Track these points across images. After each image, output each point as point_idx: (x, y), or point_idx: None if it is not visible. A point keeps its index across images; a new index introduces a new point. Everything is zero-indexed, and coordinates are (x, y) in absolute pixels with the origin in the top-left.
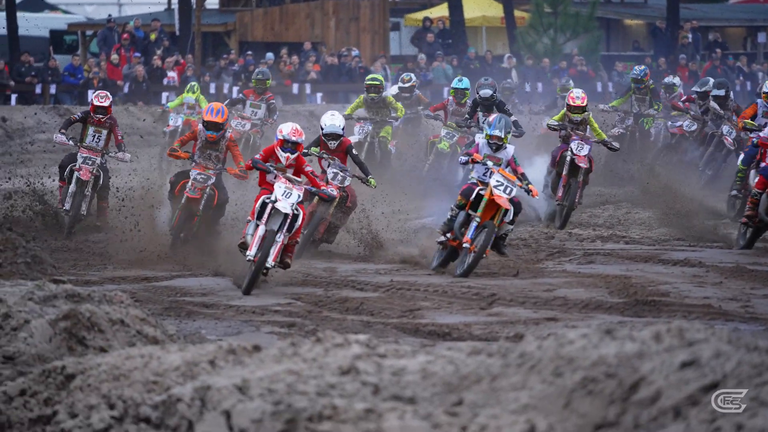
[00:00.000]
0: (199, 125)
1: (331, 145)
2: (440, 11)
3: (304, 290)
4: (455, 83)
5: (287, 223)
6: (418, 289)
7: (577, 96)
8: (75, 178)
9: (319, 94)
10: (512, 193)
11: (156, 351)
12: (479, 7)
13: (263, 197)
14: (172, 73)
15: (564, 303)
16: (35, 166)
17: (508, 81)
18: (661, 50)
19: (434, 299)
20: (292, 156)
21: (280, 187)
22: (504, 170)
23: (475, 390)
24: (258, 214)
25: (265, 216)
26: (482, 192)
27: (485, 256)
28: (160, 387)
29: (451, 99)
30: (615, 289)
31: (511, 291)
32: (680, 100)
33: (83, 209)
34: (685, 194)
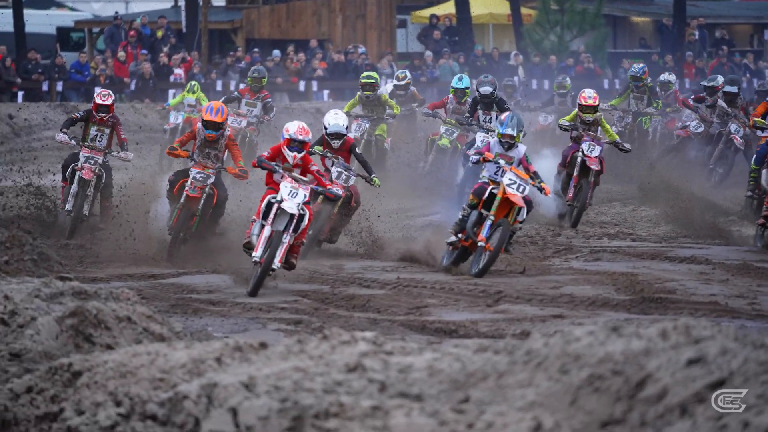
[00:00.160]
0: (198, 124)
1: (335, 144)
2: (447, 8)
3: (310, 287)
4: (455, 82)
5: (293, 223)
6: (424, 286)
7: (589, 96)
8: (77, 177)
9: (325, 92)
10: (525, 192)
11: (162, 348)
12: (486, 4)
13: (269, 197)
14: (179, 71)
15: (570, 300)
16: (41, 164)
17: (510, 78)
18: (668, 47)
19: (441, 296)
20: (299, 155)
21: (286, 186)
22: (516, 168)
23: (482, 387)
24: (263, 214)
25: (271, 216)
26: (495, 191)
27: (501, 254)
28: (166, 384)
29: (451, 97)
30: (622, 286)
31: (518, 288)
32: (690, 98)
33: (85, 210)
34: (691, 192)
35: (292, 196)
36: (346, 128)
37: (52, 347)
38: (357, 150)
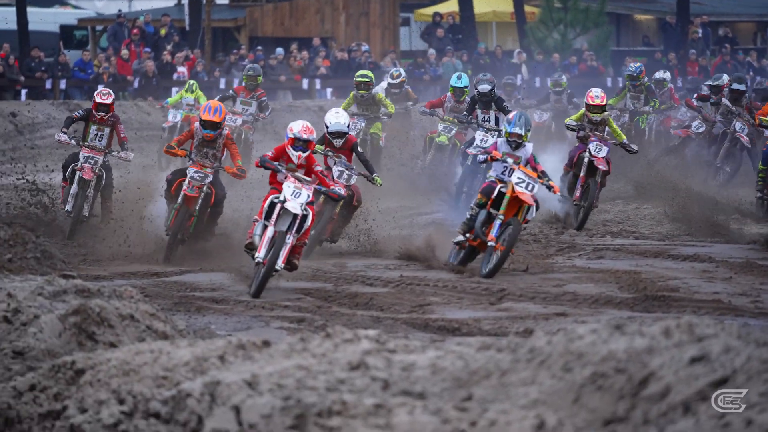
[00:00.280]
0: (196, 123)
1: (337, 143)
2: (450, 6)
3: (313, 285)
4: (454, 81)
5: (296, 223)
6: (427, 284)
7: (597, 95)
8: (77, 178)
9: (329, 90)
10: (534, 190)
11: (165, 346)
12: (489, 2)
13: (272, 197)
14: (182, 69)
15: (574, 298)
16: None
17: (510, 77)
18: (671, 45)
19: (444, 294)
20: (303, 154)
21: (289, 186)
22: (524, 167)
23: (485, 385)
24: (266, 215)
25: (274, 216)
26: (503, 190)
27: (512, 253)
28: (169, 382)
29: (449, 95)
30: (625, 284)
31: (521, 286)
32: (692, 97)
33: (85, 211)
34: (690, 189)
35: (295, 196)
36: (348, 126)
37: (55, 345)
38: (359, 149)
